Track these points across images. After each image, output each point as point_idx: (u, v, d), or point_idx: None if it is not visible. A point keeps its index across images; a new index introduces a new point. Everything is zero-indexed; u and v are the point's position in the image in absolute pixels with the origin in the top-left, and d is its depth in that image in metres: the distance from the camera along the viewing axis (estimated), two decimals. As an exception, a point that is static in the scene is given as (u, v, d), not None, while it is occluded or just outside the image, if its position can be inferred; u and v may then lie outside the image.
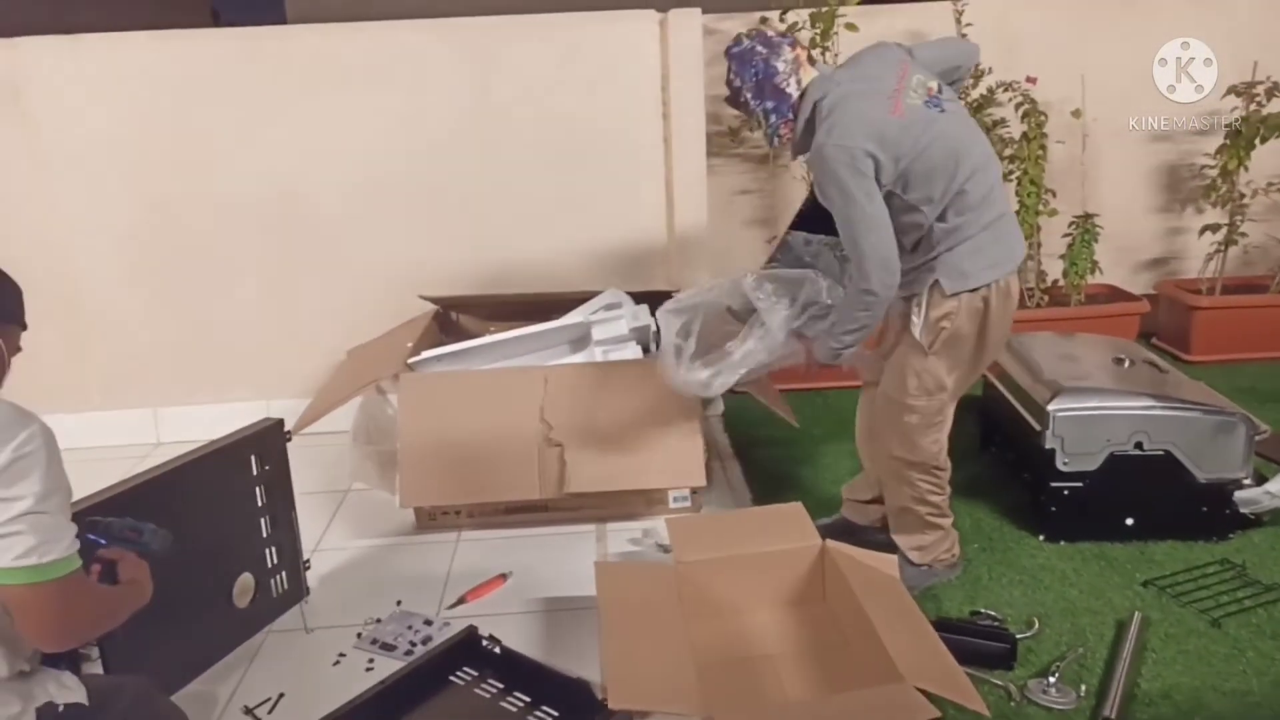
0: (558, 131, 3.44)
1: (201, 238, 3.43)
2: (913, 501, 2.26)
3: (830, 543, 2.15)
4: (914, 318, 2.09)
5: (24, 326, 1.63)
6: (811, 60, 2.10)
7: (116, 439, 3.38)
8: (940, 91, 2.06)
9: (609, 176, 3.49)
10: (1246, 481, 2.43)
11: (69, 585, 1.44)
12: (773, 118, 2.07)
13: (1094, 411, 2.43)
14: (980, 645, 2.00)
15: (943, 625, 2.06)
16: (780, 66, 2.04)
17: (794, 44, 2.08)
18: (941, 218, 2.03)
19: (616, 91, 3.42)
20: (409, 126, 3.40)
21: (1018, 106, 3.70)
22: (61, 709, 1.52)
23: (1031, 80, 3.67)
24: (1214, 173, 3.78)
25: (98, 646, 1.77)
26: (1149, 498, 2.45)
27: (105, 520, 1.62)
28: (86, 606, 1.52)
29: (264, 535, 2.25)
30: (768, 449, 3.17)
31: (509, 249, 3.51)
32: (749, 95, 2.07)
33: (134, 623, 1.60)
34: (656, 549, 2.55)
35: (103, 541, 1.55)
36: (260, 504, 2.24)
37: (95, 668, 1.79)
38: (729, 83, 2.11)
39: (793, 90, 2.05)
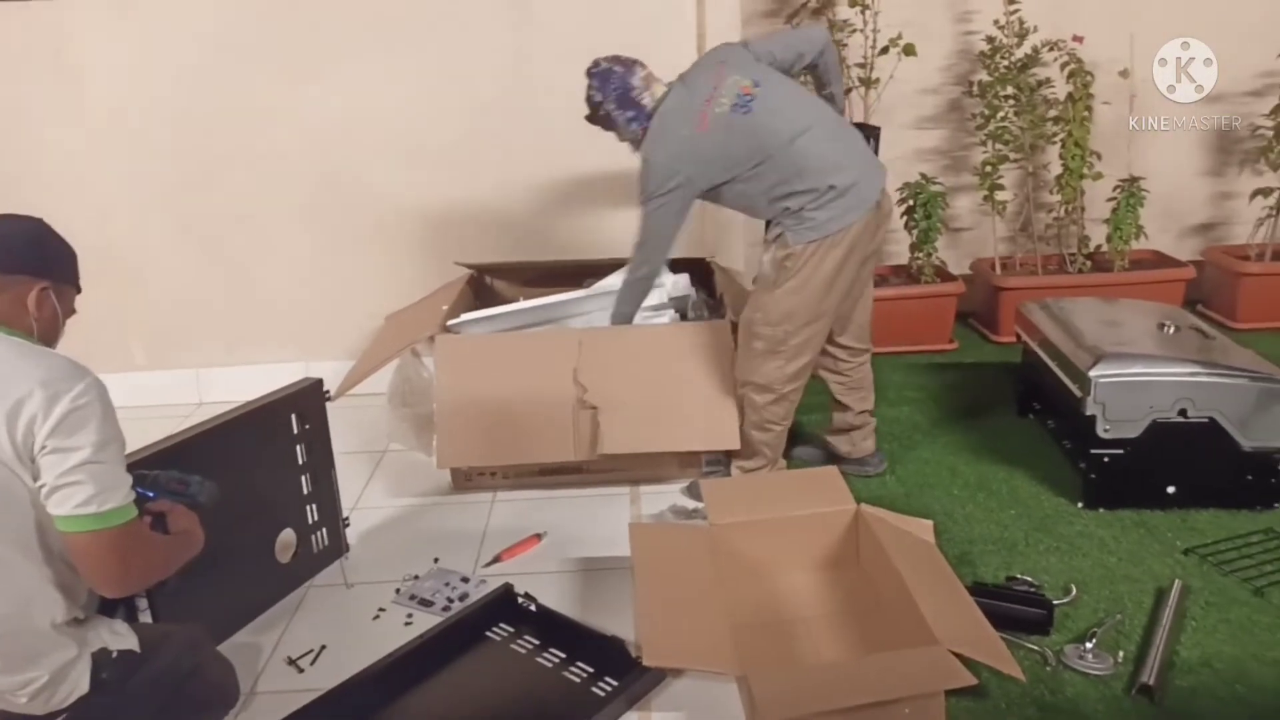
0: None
1: (244, 199, 3.45)
2: (753, 427, 2.51)
3: (865, 506, 2.15)
4: (764, 257, 2.39)
5: (78, 289, 1.67)
6: (654, 79, 2.45)
7: (160, 399, 3.45)
8: (757, 86, 2.32)
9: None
10: (1294, 450, 2.38)
11: (127, 533, 1.49)
12: (633, 125, 2.42)
13: (1137, 378, 2.38)
14: (1016, 610, 1.99)
15: (978, 591, 2.05)
16: (636, 83, 2.42)
17: (643, 65, 2.46)
18: (774, 192, 2.33)
19: (654, 52, 3.37)
20: (449, 87, 3.38)
21: (1063, 66, 3.60)
22: (115, 654, 1.58)
23: (1078, 39, 3.57)
24: (1270, 134, 3.66)
25: (146, 597, 1.82)
26: (1192, 466, 2.41)
27: (152, 473, 1.66)
28: (144, 554, 1.56)
29: (305, 493, 2.29)
30: (800, 410, 3.15)
31: (546, 213, 3.50)
32: (612, 107, 2.43)
33: (181, 574, 1.64)
34: (671, 514, 2.56)
35: (151, 494, 1.59)
36: (301, 462, 2.28)
37: (145, 618, 1.84)
38: (589, 98, 2.47)
39: (648, 102, 2.41)
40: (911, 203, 3.69)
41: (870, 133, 2.69)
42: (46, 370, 1.47)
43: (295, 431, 2.25)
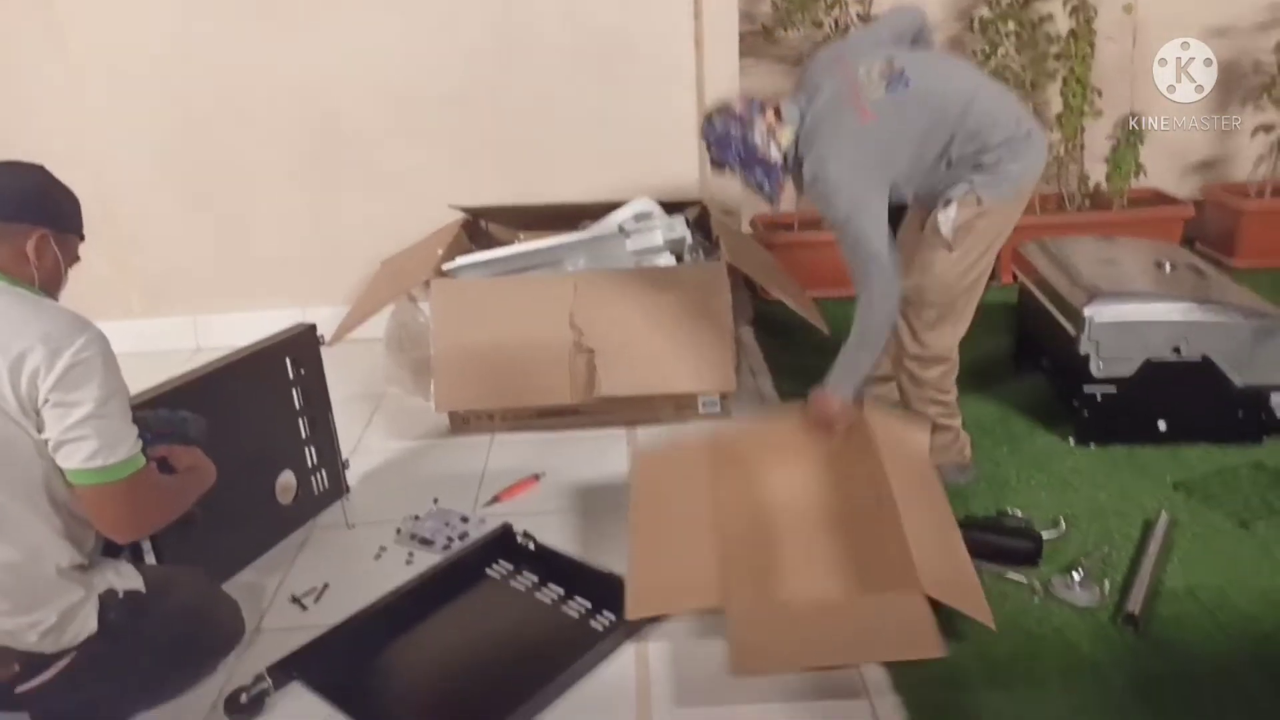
0: (587, 34, 3.36)
1: (237, 147, 3.43)
2: (922, 402, 2.28)
3: (868, 410, 2.19)
4: (940, 218, 2.11)
5: (81, 236, 1.67)
6: (779, 114, 2.12)
7: (156, 346, 3.46)
8: (894, 62, 2.07)
9: (639, 79, 3.42)
10: (1286, 386, 2.40)
11: (136, 482, 1.53)
12: (767, 185, 2.14)
13: (1132, 317, 2.39)
14: (1005, 543, 2.03)
15: (969, 524, 2.09)
16: (758, 140, 2.10)
17: (762, 108, 2.11)
18: (963, 154, 2.08)
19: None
20: (440, 34, 3.34)
21: (1065, 2, 3.54)
22: (121, 595, 1.61)
23: (1082, -28, 3.50)
24: (1274, 69, 3.61)
25: (150, 539, 1.85)
26: (1184, 403, 2.43)
27: (142, 415, 1.68)
28: (154, 499, 1.61)
29: (303, 436, 2.32)
30: (798, 354, 3.17)
31: (539, 157, 3.47)
32: (740, 170, 2.14)
33: (200, 504, 1.68)
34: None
35: (146, 436, 1.61)
36: (298, 406, 2.30)
37: (150, 560, 1.87)
38: (714, 161, 2.17)
39: (776, 156, 2.11)
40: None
41: None
42: (48, 324, 1.48)
43: (290, 376, 2.27)
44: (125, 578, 1.66)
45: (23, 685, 1.53)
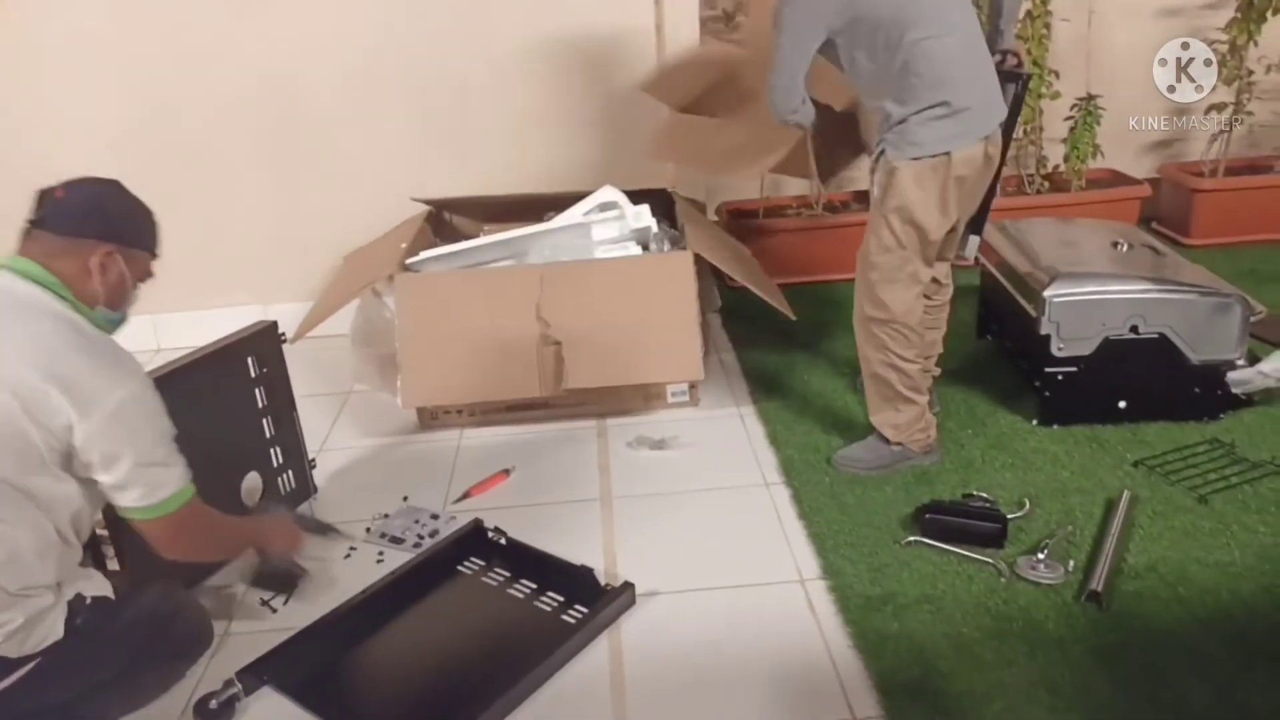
0: (547, 21, 3.33)
1: (195, 140, 3.35)
2: (884, 367, 2.28)
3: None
4: (872, 179, 2.22)
5: (154, 254, 1.72)
6: None
7: (117, 348, 3.39)
8: None
9: (600, 65, 3.40)
10: (1240, 362, 2.45)
11: (179, 517, 1.60)
12: None
13: (1090, 296, 2.43)
14: (971, 525, 2.06)
15: (935, 507, 2.12)
16: None
17: None
18: (885, 83, 2.11)
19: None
20: (399, 22, 3.29)
21: (1022, -17, 3.56)
22: (89, 601, 1.59)
23: (1036, -47, 3.53)
24: (1224, 48, 3.67)
25: (113, 544, 1.82)
26: (1143, 380, 2.47)
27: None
28: (204, 526, 1.69)
29: (267, 436, 2.28)
30: (766, 341, 3.19)
31: (500, 147, 3.44)
32: None
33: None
34: (649, 447, 2.59)
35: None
36: (261, 405, 2.26)
37: (113, 566, 1.84)
38: None
39: None
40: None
41: (1015, 78, 2.37)
42: (90, 369, 1.50)
43: (253, 375, 2.24)
44: (94, 583, 1.64)
45: None
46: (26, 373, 1.46)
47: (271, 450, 2.30)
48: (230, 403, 2.20)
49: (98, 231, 1.59)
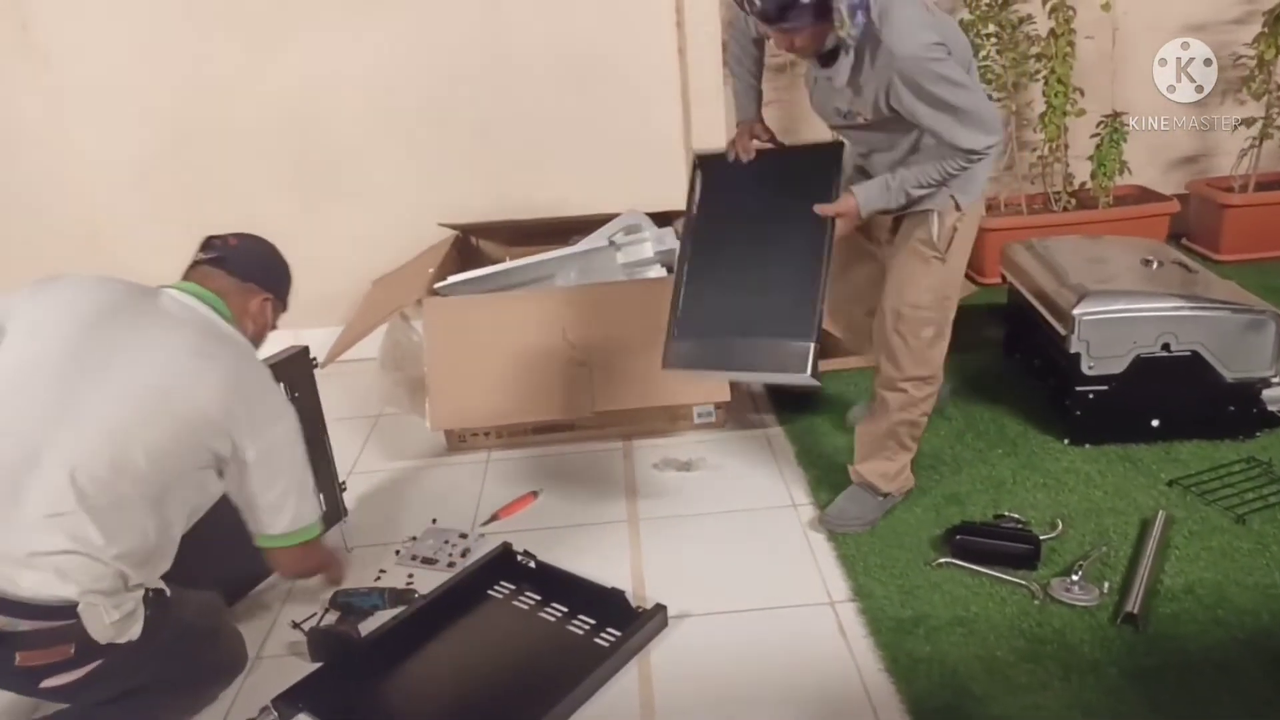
0: (569, 46, 3.37)
1: (221, 170, 3.41)
2: (905, 424, 2.19)
3: None
4: (932, 228, 2.05)
5: (286, 308, 1.91)
6: None
7: (151, 373, 3.44)
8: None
9: (623, 90, 3.43)
10: (1275, 380, 2.42)
11: (307, 548, 1.77)
12: (859, 14, 1.80)
13: (1120, 314, 2.41)
14: (1004, 547, 2.04)
15: (966, 528, 2.10)
16: None
17: None
18: (929, 145, 1.96)
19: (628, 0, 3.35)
20: (420, 49, 3.34)
21: (1044, 2, 3.56)
22: (151, 594, 1.62)
23: (1059, -28, 3.53)
24: (1252, 63, 3.65)
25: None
26: (1175, 399, 2.44)
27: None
28: (316, 558, 1.88)
29: (300, 460, 2.31)
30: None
31: (524, 172, 3.48)
32: (810, 16, 1.81)
33: (186, 542, 1.68)
34: (675, 469, 2.59)
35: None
36: (294, 430, 2.29)
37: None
38: (768, 12, 1.82)
39: None
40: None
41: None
42: (263, 394, 1.69)
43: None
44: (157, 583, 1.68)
45: (51, 678, 1.52)
46: (219, 391, 1.60)
47: (303, 474, 2.32)
48: (263, 427, 2.23)
49: (263, 281, 1.82)
